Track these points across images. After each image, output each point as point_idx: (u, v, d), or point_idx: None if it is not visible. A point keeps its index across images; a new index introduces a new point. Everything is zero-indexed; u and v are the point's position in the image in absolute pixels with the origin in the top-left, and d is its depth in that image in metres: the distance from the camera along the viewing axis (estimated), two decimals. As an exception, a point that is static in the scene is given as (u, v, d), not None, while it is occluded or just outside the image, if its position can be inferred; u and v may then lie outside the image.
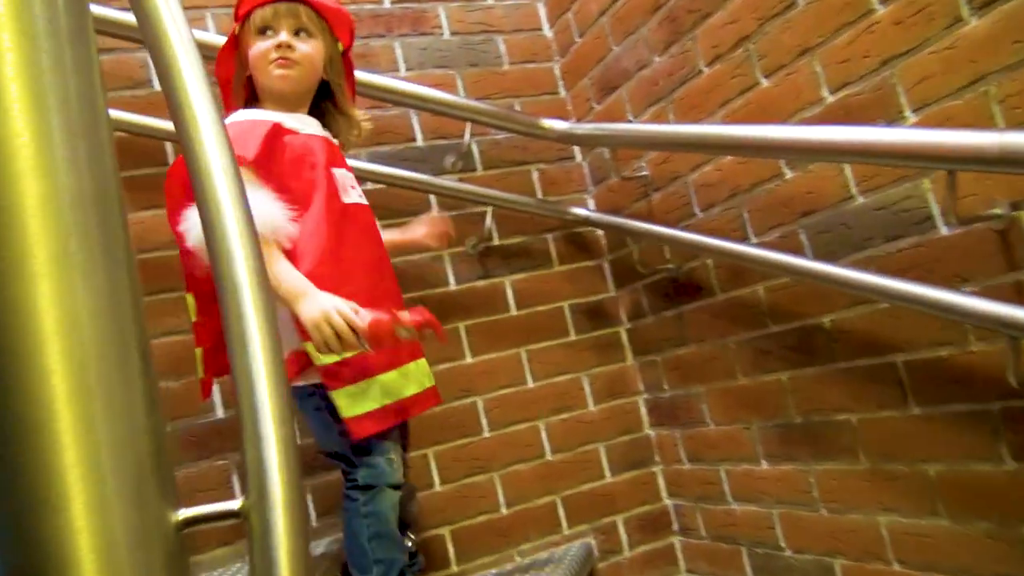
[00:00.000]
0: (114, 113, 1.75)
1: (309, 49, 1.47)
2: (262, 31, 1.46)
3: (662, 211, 2.01)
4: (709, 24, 1.76)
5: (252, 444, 0.59)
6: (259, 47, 1.45)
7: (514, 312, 2.15)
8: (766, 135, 1.49)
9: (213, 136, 0.68)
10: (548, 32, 2.35)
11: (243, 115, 1.46)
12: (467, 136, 2.05)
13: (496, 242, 2.16)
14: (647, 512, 2.18)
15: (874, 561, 1.59)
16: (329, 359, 1.34)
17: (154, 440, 0.56)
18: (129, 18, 1.59)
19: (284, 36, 1.45)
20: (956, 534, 1.42)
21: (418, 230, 1.75)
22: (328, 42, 1.51)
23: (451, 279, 2.10)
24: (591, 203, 2.29)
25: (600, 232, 2.26)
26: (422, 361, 1.49)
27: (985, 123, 1.25)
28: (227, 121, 1.40)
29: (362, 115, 1.60)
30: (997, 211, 1.25)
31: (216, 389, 1.78)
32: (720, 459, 1.98)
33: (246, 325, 0.63)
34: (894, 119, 1.40)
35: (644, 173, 2.06)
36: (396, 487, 1.45)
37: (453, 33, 2.23)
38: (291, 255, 1.35)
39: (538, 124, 2.04)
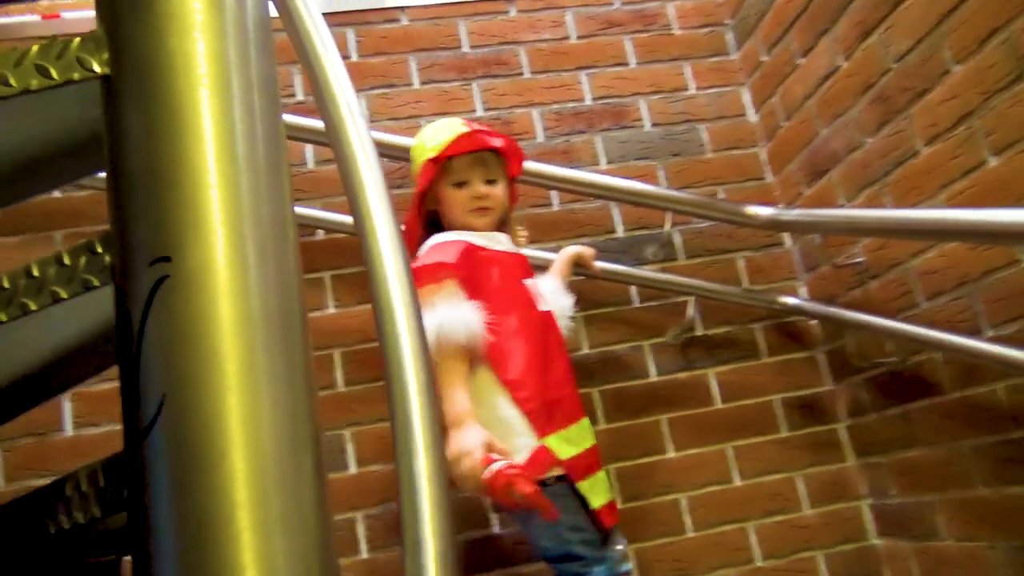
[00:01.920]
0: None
1: (500, 193, 1.63)
2: (458, 183, 1.60)
3: (880, 300, 1.86)
4: (926, 102, 1.64)
5: (412, 549, 0.61)
6: (456, 194, 1.60)
7: (719, 405, 2.06)
8: (998, 219, 1.34)
9: (387, 235, 0.73)
10: (753, 117, 2.30)
11: (439, 237, 1.59)
12: (667, 225, 2.03)
13: (700, 332, 2.09)
14: (874, 634, 1.96)
15: None
16: (569, 453, 1.43)
17: (322, 547, 0.59)
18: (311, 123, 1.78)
19: (480, 188, 1.60)
20: None
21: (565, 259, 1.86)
22: (506, 178, 1.66)
23: (652, 370, 2.06)
24: (802, 291, 2.17)
25: (813, 321, 2.13)
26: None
27: None
28: (426, 245, 1.58)
29: (521, 231, 1.72)
30: None
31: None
32: (960, 580, 1.74)
33: (412, 432, 0.66)
34: None
35: (859, 260, 1.92)
36: None
37: (655, 124, 2.25)
38: (499, 363, 1.45)
39: (741, 211, 1.98)
